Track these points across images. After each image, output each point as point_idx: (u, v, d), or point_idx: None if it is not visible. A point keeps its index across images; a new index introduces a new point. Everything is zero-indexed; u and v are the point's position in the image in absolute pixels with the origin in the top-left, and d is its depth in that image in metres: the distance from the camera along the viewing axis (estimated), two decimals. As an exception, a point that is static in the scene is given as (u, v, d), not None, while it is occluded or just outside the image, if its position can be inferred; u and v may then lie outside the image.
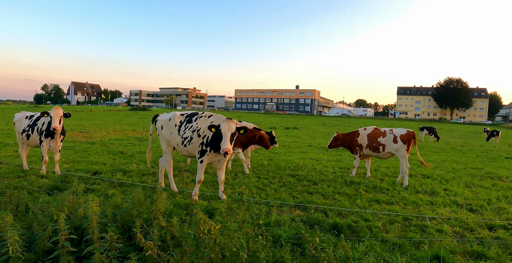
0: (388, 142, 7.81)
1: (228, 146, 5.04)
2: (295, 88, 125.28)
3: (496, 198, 6.83)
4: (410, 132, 7.81)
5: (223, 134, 5.12)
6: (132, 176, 7.78)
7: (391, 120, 72.44)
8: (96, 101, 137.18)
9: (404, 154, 7.66)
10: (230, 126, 5.20)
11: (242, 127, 5.45)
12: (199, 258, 2.25)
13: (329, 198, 6.17)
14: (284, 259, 2.52)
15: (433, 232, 4.35)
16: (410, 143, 7.72)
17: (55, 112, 7.52)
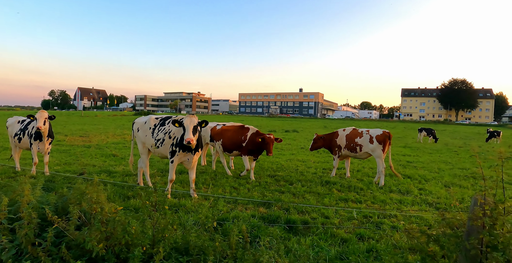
0: (365, 142, 7.97)
1: (191, 136, 5.49)
2: (298, 92, 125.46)
3: (470, 197, 6.92)
4: (386, 133, 7.95)
5: (186, 126, 5.59)
6: (116, 176, 8.07)
7: (395, 122, 72.07)
8: (102, 106, 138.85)
9: (379, 154, 7.79)
10: (192, 120, 5.65)
11: (203, 121, 6.04)
12: (94, 231, 2.58)
13: (299, 196, 6.33)
14: (190, 241, 2.77)
15: (388, 228, 4.49)
16: (386, 143, 7.86)
17: (39, 115, 7.96)
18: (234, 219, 4.56)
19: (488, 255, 2.21)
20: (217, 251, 2.63)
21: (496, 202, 2.37)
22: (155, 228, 2.79)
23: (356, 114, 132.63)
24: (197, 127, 5.75)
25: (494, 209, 2.33)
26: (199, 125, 5.89)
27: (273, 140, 7.68)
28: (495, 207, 2.33)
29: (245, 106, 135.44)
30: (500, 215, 2.30)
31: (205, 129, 10.17)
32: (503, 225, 2.26)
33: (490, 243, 2.24)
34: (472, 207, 2.52)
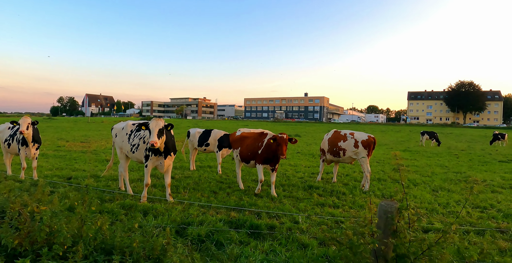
0: (349, 146, 7.82)
1: (155, 138, 5.49)
2: (304, 96, 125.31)
3: (455, 202, 6.77)
4: (371, 138, 7.82)
5: (151, 129, 5.60)
6: (101, 181, 8.12)
7: (401, 126, 71.40)
8: (109, 112, 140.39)
9: (364, 160, 7.68)
10: (158, 123, 5.66)
11: (169, 124, 5.97)
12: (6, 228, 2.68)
13: (276, 201, 6.26)
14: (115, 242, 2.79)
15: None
16: (371, 148, 7.74)
17: (23, 120, 8.12)
18: (200, 224, 4.53)
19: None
20: (136, 252, 2.61)
21: (400, 207, 2.30)
22: (80, 227, 2.80)
23: (362, 118, 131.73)
24: (163, 130, 5.75)
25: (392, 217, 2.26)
26: (165, 128, 5.90)
27: (287, 140, 6.61)
28: (396, 214, 2.26)
29: (250, 111, 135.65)
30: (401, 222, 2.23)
31: (193, 134, 10.21)
32: (405, 232, 2.19)
33: (398, 251, 2.17)
34: (379, 214, 2.44)
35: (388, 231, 2.27)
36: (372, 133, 41.17)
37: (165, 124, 5.88)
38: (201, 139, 9.79)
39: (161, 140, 5.65)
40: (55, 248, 2.50)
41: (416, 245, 2.15)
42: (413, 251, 2.10)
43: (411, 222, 2.28)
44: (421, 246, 2.17)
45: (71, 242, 2.61)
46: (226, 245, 3.70)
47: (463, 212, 5.99)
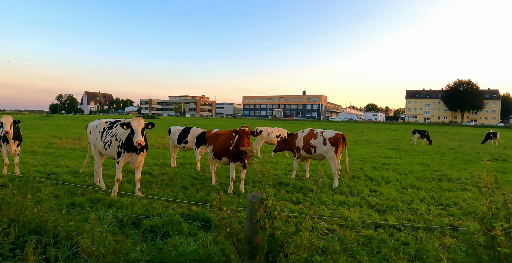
0: (318, 144, 8.05)
1: (140, 138, 5.76)
2: (302, 94, 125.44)
3: (420, 199, 6.93)
4: (339, 135, 7.99)
5: (135, 129, 5.83)
6: (80, 176, 8.38)
7: (398, 125, 71.48)
8: (108, 110, 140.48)
9: (332, 156, 7.85)
10: (140, 122, 5.89)
11: (150, 123, 6.17)
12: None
13: (241, 197, 6.46)
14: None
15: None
16: (339, 145, 7.91)
17: (5, 120, 8.34)
18: (158, 216, 4.73)
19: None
20: (62, 234, 2.84)
21: (262, 198, 2.46)
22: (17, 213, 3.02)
23: (361, 117, 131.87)
24: (144, 129, 5.96)
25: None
26: (146, 127, 6.09)
27: (248, 132, 6.71)
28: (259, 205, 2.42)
29: (249, 109, 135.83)
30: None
31: (173, 132, 10.39)
32: (263, 220, 2.35)
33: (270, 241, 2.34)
34: (249, 206, 2.60)
35: (252, 219, 2.44)
36: (368, 131, 41.42)
37: (146, 123, 6.08)
38: (180, 136, 9.97)
39: (143, 137, 5.88)
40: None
41: (280, 232, 2.31)
42: (277, 237, 2.26)
43: (278, 213, 2.44)
44: (286, 234, 2.33)
45: (6, 225, 2.82)
46: (172, 235, 3.90)
47: (423, 209, 6.16)
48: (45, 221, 3.09)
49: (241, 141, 6.59)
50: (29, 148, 15.30)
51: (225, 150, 7.14)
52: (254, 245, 2.33)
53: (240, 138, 6.64)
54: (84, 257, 2.53)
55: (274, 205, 2.48)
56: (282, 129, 14.39)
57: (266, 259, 2.22)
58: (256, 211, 2.43)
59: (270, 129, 14.10)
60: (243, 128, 6.70)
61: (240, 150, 6.66)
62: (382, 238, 4.40)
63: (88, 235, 2.66)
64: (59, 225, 2.94)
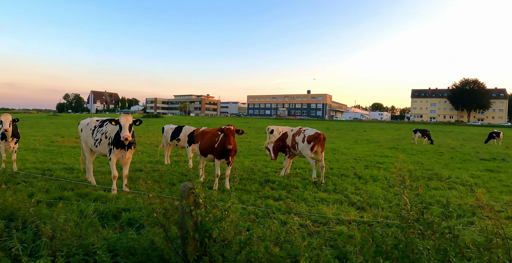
0: (299, 140, 8.29)
1: (127, 133, 5.99)
2: (306, 93, 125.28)
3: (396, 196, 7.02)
4: (317, 133, 8.13)
5: (122, 125, 6.06)
6: (74, 173, 8.71)
7: (403, 124, 71.01)
8: (114, 109, 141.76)
9: (306, 153, 8.08)
10: (128, 119, 6.12)
11: (138, 120, 6.41)
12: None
13: (224, 193, 6.64)
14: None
15: (277, 223, 4.72)
16: (316, 143, 8.03)
17: (5, 118, 8.68)
18: (139, 209, 4.94)
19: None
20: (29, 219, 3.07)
21: (191, 188, 2.60)
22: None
23: (366, 116, 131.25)
24: (131, 125, 6.18)
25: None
26: (134, 123, 6.32)
27: (233, 131, 6.89)
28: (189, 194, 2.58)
29: (253, 109, 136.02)
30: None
31: (166, 130, 10.59)
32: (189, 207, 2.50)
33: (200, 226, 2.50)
34: (180, 195, 2.76)
35: (183, 206, 2.60)
36: (371, 131, 41.34)
37: (134, 120, 6.31)
38: (173, 134, 10.17)
39: (131, 133, 6.09)
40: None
41: (208, 219, 2.46)
42: (204, 223, 2.41)
43: (203, 201, 2.58)
44: (213, 220, 2.47)
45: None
46: (146, 226, 4.09)
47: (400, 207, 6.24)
48: (18, 209, 3.31)
49: (226, 139, 6.75)
50: (31, 146, 15.66)
51: (211, 147, 7.31)
52: (185, 230, 2.49)
53: (225, 136, 6.81)
54: (45, 240, 2.74)
55: (198, 193, 2.62)
56: (294, 129, 14.34)
57: (200, 244, 2.38)
58: (185, 199, 2.58)
59: (281, 128, 14.05)
60: (228, 127, 6.86)
61: (224, 147, 6.81)
62: (351, 234, 4.52)
63: (51, 221, 2.87)
64: (28, 212, 3.15)
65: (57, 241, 2.72)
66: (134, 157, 12.27)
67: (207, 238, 2.13)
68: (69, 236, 2.79)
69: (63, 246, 2.60)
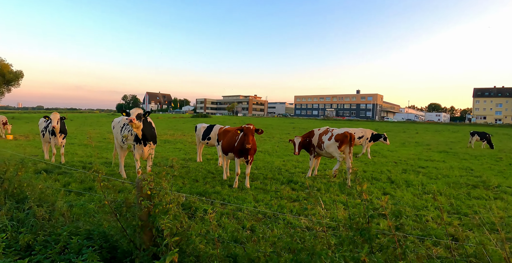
0: (326, 139, 8.07)
1: (133, 116, 6.48)
2: (355, 93, 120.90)
3: (435, 206, 6.48)
4: (346, 133, 7.83)
5: (131, 113, 6.59)
6: (110, 166, 9.39)
7: (461, 126, 65.31)
8: (167, 109, 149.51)
9: (333, 150, 7.94)
10: (137, 110, 6.65)
11: (147, 112, 6.86)
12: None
13: (242, 192, 6.68)
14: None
15: (282, 224, 4.66)
16: (344, 142, 7.77)
17: (53, 116, 9.61)
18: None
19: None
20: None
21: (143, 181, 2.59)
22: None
23: (421, 117, 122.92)
24: (140, 115, 6.65)
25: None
26: (144, 115, 6.80)
27: (253, 130, 6.91)
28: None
29: (300, 109, 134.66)
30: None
31: (198, 129, 10.93)
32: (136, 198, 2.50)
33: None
34: (137, 191, 2.77)
35: (138, 198, 2.64)
36: (424, 133, 38.68)
37: (143, 112, 6.77)
38: (205, 133, 10.45)
39: (138, 122, 6.53)
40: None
41: (158, 210, 2.47)
42: (153, 214, 2.42)
43: (151, 192, 2.59)
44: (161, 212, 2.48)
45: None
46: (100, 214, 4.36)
47: (431, 216, 5.78)
48: (32, 193, 3.72)
49: (245, 138, 6.78)
50: (84, 142, 17.14)
51: (231, 146, 7.41)
52: (142, 221, 2.57)
53: (244, 135, 6.85)
54: (34, 220, 3.12)
55: (144, 184, 2.67)
56: (367, 130, 13.89)
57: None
58: (138, 190, 2.64)
59: (352, 130, 13.73)
60: (247, 126, 6.90)
61: (243, 146, 6.85)
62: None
63: (53, 207, 3.20)
64: (34, 196, 3.58)
65: (52, 222, 3.02)
66: (172, 153, 12.87)
67: (154, 229, 2.19)
68: (66, 219, 3.08)
69: (53, 227, 2.88)
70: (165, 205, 2.41)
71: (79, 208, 4.07)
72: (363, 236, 2.23)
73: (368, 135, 13.46)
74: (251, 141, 6.73)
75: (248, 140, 6.69)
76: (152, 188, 2.56)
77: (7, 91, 54.83)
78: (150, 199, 2.55)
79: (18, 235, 2.62)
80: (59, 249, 2.45)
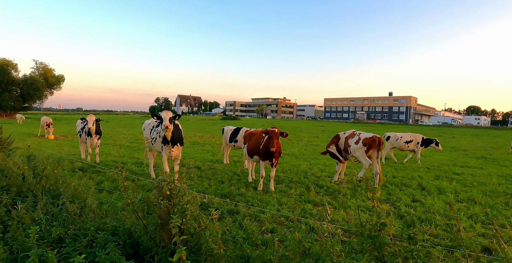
0: (352, 143, 7.88)
1: (166, 122, 6.57)
2: (388, 96, 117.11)
3: (468, 216, 6.16)
4: (375, 137, 7.61)
5: (163, 118, 6.68)
6: (141, 166, 9.76)
7: (503, 131, 61.29)
8: (197, 111, 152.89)
9: (359, 155, 7.73)
10: (168, 113, 6.74)
11: (177, 114, 6.98)
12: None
13: (266, 194, 6.70)
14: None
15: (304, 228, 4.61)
16: (372, 147, 7.55)
17: (89, 118, 10.15)
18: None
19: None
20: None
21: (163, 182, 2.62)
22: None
23: (458, 121, 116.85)
24: (172, 119, 6.77)
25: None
26: (174, 118, 6.91)
27: (278, 133, 6.89)
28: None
29: (330, 112, 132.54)
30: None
31: (226, 131, 11.10)
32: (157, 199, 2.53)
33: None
34: (157, 191, 2.80)
35: (158, 198, 2.68)
36: (461, 137, 36.78)
37: (174, 115, 6.92)
38: (232, 135, 10.59)
39: (171, 126, 6.67)
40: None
41: (178, 210, 2.51)
42: (171, 214, 2.46)
43: (171, 193, 2.63)
44: (179, 212, 2.52)
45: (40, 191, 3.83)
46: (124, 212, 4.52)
47: (463, 226, 5.50)
48: (66, 190, 3.98)
49: (270, 141, 6.81)
50: (119, 142, 17.94)
51: (256, 149, 7.46)
52: (162, 219, 2.65)
53: (269, 138, 6.88)
54: (67, 216, 3.32)
55: (164, 185, 2.73)
56: (416, 135, 13.35)
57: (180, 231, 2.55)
58: (159, 191, 2.72)
59: (400, 134, 13.38)
60: (272, 129, 6.93)
61: (268, 149, 6.88)
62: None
63: (84, 203, 3.43)
64: (66, 193, 3.84)
65: (82, 218, 3.22)
66: (200, 155, 13.16)
67: (173, 228, 2.26)
68: (96, 215, 3.29)
69: (83, 222, 3.07)
70: (183, 205, 2.49)
71: (108, 205, 4.31)
72: (373, 244, 2.18)
73: (418, 140, 12.92)
74: (276, 144, 6.75)
75: (273, 143, 6.72)
76: (171, 189, 2.66)
77: (50, 94, 58.72)
78: (169, 199, 2.65)
79: (51, 228, 2.83)
80: (87, 243, 2.62)
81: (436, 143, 13.46)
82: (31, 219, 3.00)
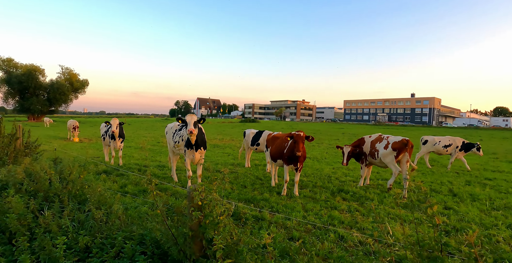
0: (380, 147, 7.56)
1: (191, 126, 6.55)
2: (410, 97, 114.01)
3: (507, 225, 5.77)
4: (405, 140, 7.28)
5: (188, 122, 6.65)
6: (164, 170, 9.81)
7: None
8: (216, 114, 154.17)
9: (389, 161, 7.38)
10: (192, 117, 6.72)
11: (202, 118, 6.92)
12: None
13: (290, 200, 6.51)
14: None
15: (332, 236, 4.40)
16: (402, 151, 7.22)
17: (113, 122, 10.31)
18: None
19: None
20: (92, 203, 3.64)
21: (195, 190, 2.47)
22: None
23: (484, 122, 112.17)
24: (196, 123, 6.72)
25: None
26: (198, 122, 6.86)
27: (303, 137, 6.69)
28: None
29: (350, 114, 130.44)
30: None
31: (247, 134, 11.00)
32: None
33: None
34: (188, 200, 2.67)
35: (189, 207, 2.55)
36: (489, 140, 35.22)
37: (198, 119, 6.87)
38: (254, 139, 10.48)
39: (196, 130, 6.63)
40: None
41: (208, 221, 2.37)
42: (203, 225, 2.32)
43: (202, 203, 2.49)
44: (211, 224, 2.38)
45: (66, 196, 3.85)
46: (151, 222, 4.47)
47: (503, 236, 5.14)
48: (92, 196, 3.97)
49: (295, 145, 6.63)
50: (141, 145, 18.18)
51: (280, 153, 7.29)
52: (193, 231, 2.53)
53: (294, 142, 6.70)
54: (93, 223, 3.28)
55: (196, 195, 2.61)
56: (456, 138, 12.75)
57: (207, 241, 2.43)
58: (190, 200, 2.60)
59: (438, 138, 12.92)
60: (297, 133, 6.73)
61: (293, 153, 6.71)
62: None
63: (110, 209, 3.40)
64: (93, 199, 3.84)
65: (108, 225, 3.16)
66: (221, 158, 13.12)
67: (204, 240, 2.14)
68: (122, 222, 3.22)
69: (109, 230, 3.01)
70: (216, 217, 2.38)
71: (134, 210, 4.26)
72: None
73: (458, 144, 12.35)
74: (301, 148, 6.57)
75: (298, 147, 6.54)
76: (203, 199, 2.55)
77: (75, 98, 60.72)
78: (200, 209, 2.54)
79: (78, 236, 2.78)
80: (114, 253, 2.55)
81: (478, 148, 12.60)
82: (58, 226, 2.97)
